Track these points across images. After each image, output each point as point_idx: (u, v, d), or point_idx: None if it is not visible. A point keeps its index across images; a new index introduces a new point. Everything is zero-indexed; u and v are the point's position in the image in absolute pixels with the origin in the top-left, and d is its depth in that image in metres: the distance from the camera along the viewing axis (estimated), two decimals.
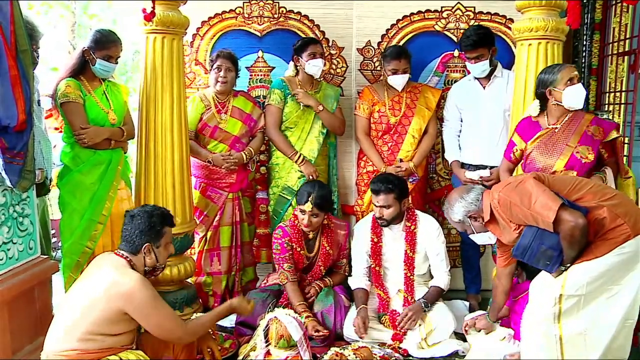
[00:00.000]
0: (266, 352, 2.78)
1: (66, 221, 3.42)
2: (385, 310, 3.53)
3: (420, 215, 3.65)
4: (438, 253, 3.60)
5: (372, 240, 3.62)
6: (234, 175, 3.92)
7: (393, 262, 3.63)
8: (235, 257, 4.01)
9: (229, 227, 3.98)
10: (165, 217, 2.72)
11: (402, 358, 3.24)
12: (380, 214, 3.52)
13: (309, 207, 3.51)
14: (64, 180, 3.43)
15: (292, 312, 2.82)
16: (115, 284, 2.50)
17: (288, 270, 3.59)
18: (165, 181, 3.54)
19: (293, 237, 3.63)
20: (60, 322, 2.56)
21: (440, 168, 4.34)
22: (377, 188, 3.52)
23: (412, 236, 3.58)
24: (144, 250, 2.63)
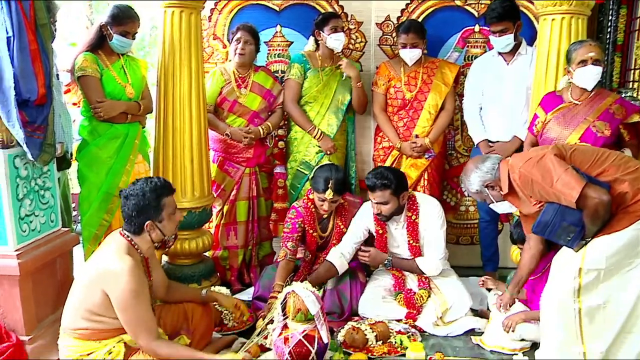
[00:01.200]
0: (283, 326, 2.77)
1: (84, 194, 3.44)
2: (400, 289, 3.52)
3: (421, 201, 3.53)
4: (434, 237, 3.48)
5: (377, 232, 3.56)
6: (251, 149, 3.93)
7: (400, 250, 3.60)
8: (252, 231, 4.03)
9: (246, 202, 4.00)
10: (161, 188, 2.61)
11: (418, 333, 3.24)
12: (379, 210, 3.43)
13: (329, 194, 3.45)
14: (81, 153, 3.45)
15: (310, 286, 2.80)
16: (107, 267, 2.48)
17: (290, 248, 3.57)
18: (184, 155, 3.55)
19: (306, 219, 3.62)
20: (70, 300, 2.59)
21: (459, 145, 4.30)
22: (372, 184, 3.38)
23: (414, 226, 3.50)
24: (146, 228, 2.59)
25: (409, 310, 3.41)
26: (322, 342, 2.71)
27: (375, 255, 3.55)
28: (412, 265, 3.50)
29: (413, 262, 3.50)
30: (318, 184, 3.50)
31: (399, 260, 3.56)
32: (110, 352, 2.51)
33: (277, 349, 2.75)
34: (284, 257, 3.57)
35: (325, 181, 3.47)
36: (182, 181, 3.58)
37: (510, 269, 3.92)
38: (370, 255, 3.54)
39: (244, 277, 4.08)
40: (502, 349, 3.09)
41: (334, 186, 3.46)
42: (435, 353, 3.01)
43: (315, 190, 3.52)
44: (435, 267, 3.48)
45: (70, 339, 2.54)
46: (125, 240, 2.60)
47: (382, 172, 3.43)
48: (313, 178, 3.60)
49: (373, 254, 3.55)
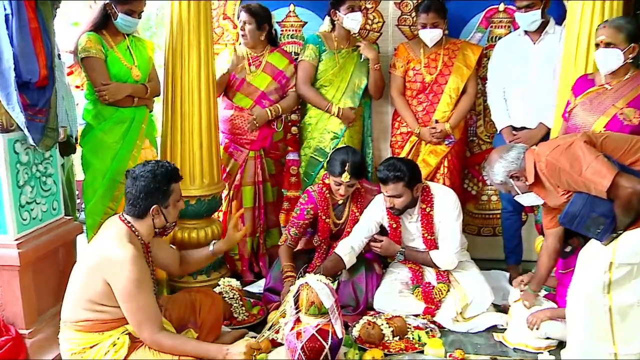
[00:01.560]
0: (296, 319, 2.74)
1: (88, 181, 3.43)
2: (418, 282, 3.48)
3: (435, 192, 3.48)
4: (449, 230, 3.42)
5: (391, 227, 3.52)
6: (256, 132, 3.89)
7: (415, 243, 3.55)
8: (258, 218, 4.00)
9: (251, 187, 3.97)
10: (171, 173, 2.61)
11: (437, 329, 3.21)
12: (391, 204, 3.37)
13: (346, 177, 3.41)
14: (86, 138, 3.42)
15: (324, 278, 2.77)
16: (108, 255, 2.45)
17: (291, 235, 3.57)
18: (192, 141, 3.52)
19: (319, 205, 3.58)
20: (70, 290, 2.57)
21: (481, 131, 4.23)
22: (384, 177, 3.32)
23: (428, 219, 3.45)
24: (151, 212, 2.57)
25: (427, 305, 3.37)
26: (336, 337, 2.69)
27: (388, 246, 3.51)
28: (426, 258, 3.45)
29: (427, 255, 3.45)
30: (334, 166, 3.45)
31: (412, 252, 3.51)
32: (114, 344, 2.49)
33: (289, 344, 2.72)
34: (284, 242, 3.57)
35: (342, 164, 3.42)
36: (190, 168, 3.55)
37: (534, 262, 3.69)
38: (382, 246, 3.51)
39: (254, 266, 4.06)
40: (526, 347, 3.04)
41: (351, 169, 3.41)
42: (455, 350, 2.98)
43: (331, 173, 3.48)
44: (450, 261, 3.42)
45: (72, 332, 2.52)
46: (126, 226, 2.57)
47: (395, 163, 3.38)
48: (329, 161, 3.56)
49: (385, 244, 3.51)
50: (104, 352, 2.47)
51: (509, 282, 3.78)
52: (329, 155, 3.63)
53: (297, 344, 2.66)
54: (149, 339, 2.47)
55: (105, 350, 2.47)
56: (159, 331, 2.48)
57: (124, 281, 2.40)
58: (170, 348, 2.48)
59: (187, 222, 3.58)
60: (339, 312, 2.71)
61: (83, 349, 2.49)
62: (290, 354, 2.72)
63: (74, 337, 2.51)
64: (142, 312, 2.45)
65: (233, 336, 3.06)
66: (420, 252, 3.49)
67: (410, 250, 3.51)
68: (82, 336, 2.49)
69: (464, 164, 4.17)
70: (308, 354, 2.65)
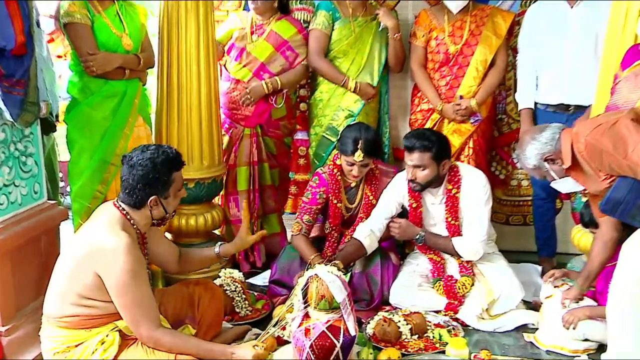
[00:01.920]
0: (304, 315, 2.73)
1: (74, 161, 3.40)
2: (440, 275, 3.48)
3: (464, 173, 3.48)
4: (476, 215, 3.41)
5: (411, 206, 3.53)
6: (251, 107, 3.87)
7: (437, 229, 3.55)
8: (253, 202, 4.00)
9: (247, 168, 3.97)
10: (173, 161, 2.59)
11: (460, 327, 3.21)
12: (413, 176, 3.37)
13: (359, 156, 3.40)
14: (71, 114, 3.39)
15: (335, 269, 2.77)
16: (100, 244, 2.44)
17: (305, 222, 3.57)
18: (191, 118, 3.52)
19: (330, 188, 3.59)
20: (54, 282, 2.55)
21: (511, 108, 4.18)
22: (410, 145, 3.33)
23: (454, 201, 3.45)
24: (149, 204, 2.56)
25: (449, 301, 3.36)
26: (348, 335, 2.67)
27: (406, 228, 3.51)
28: (448, 245, 3.45)
29: (449, 241, 3.45)
30: (346, 144, 3.44)
31: (433, 236, 3.51)
32: (103, 342, 2.47)
33: (296, 341, 2.71)
34: (299, 231, 3.56)
35: (354, 141, 3.40)
36: (189, 148, 3.56)
37: (570, 255, 3.90)
38: (400, 227, 3.50)
39: (249, 255, 4.07)
40: (562, 350, 3.01)
41: (365, 147, 3.40)
42: (480, 351, 2.97)
43: (343, 152, 3.47)
44: (475, 251, 3.41)
45: (55, 329, 2.50)
46: (120, 213, 2.55)
47: (424, 132, 3.40)
48: (340, 139, 3.55)
49: (404, 225, 3.50)
50: (91, 350, 2.45)
51: (540, 277, 3.76)
52: (341, 133, 3.62)
53: (305, 341, 2.65)
54: (146, 336, 2.45)
55: (93, 348, 2.45)
56: (157, 327, 2.47)
57: (118, 272, 2.38)
58: (169, 346, 2.47)
59: (184, 208, 3.58)
60: (351, 307, 2.69)
61: (67, 348, 2.48)
62: (298, 352, 2.70)
63: (57, 335, 2.49)
64: (138, 306, 2.43)
65: (235, 333, 3.06)
66: (442, 237, 3.49)
67: (430, 234, 3.51)
68: (66, 333, 2.48)
69: (491, 144, 4.14)
70: (317, 353, 2.63)
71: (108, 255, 2.40)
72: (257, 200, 4.01)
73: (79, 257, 2.46)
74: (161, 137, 3.56)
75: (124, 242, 2.41)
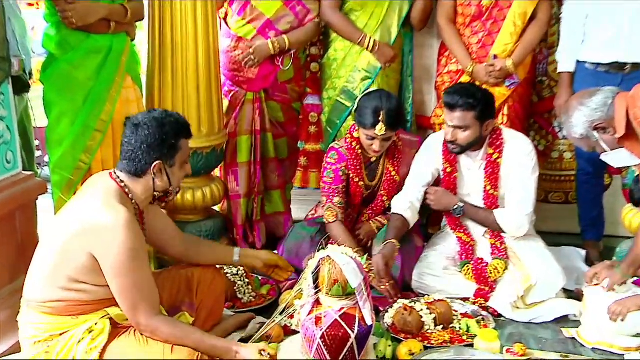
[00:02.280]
0: (315, 302, 2.73)
1: (53, 127, 3.40)
2: (468, 257, 3.50)
3: (508, 137, 3.50)
4: (522, 185, 3.43)
5: (445, 171, 3.56)
6: (255, 69, 3.87)
7: (471, 198, 3.57)
8: (254, 176, 4.03)
9: (248, 137, 4.00)
10: (182, 126, 2.62)
11: (491, 317, 3.21)
12: (453, 138, 3.39)
13: (381, 130, 3.38)
14: (48, 73, 3.37)
15: (350, 250, 2.75)
16: (95, 220, 2.42)
17: (338, 205, 3.55)
18: (187, 79, 3.53)
19: (350, 163, 3.58)
20: (37, 264, 2.55)
21: (553, 69, 4.12)
22: (452, 102, 3.34)
23: (494, 168, 3.46)
24: (152, 170, 2.56)
25: (479, 287, 3.39)
26: (364, 325, 2.66)
27: (442, 196, 3.55)
28: (489, 218, 3.48)
29: (491, 214, 3.47)
30: (365, 117, 3.41)
31: (474, 207, 3.53)
32: (91, 330, 2.48)
33: (305, 331, 2.70)
34: (335, 218, 3.52)
35: (375, 113, 3.37)
36: (185, 113, 3.49)
37: (620, 238, 3.88)
38: (436, 194, 3.54)
39: (248, 235, 4.10)
40: (611, 347, 2.99)
41: (387, 119, 3.37)
42: (514, 344, 2.96)
43: (362, 125, 3.45)
44: (519, 225, 3.42)
45: (37, 315, 2.50)
46: (117, 185, 2.55)
47: (469, 88, 3.41)
48: (358, 110, 3.51)
49: (440, 194, 3.55)
50: (77, 339, 2.46)
51: (585, 262, 3.78)
52: (357, 102, 3.58)
53: (315, 331, 2.64)
54: (144, 323, 2.46)
55: (79, 337, 2.46)
56: (156, 315, 2.49)
57: (116, 252, 2.39)
58: (167, 337, 2.48)
59: None
60: (368, 293, 2.68)
61: (50, 336, 2.48)
62: (307, 344, 2.69)
63: (40, 321, 2.49)
64: (138, 290, 2.44)
65: (237, 321, 3.08)
66: (483, 209, 3.51)
67: (470, 205, 3.53)
68: (50, 320, 2.48)
69: (529, 111, 4.13)
70: (329, 345, 2.62)
71: (105, 233, 2.39)
72: (258, 174, 4.04)
73: (70, 235, 2.45)
74: (153, 100, 3.56)
75: (123, 218, 2.40)
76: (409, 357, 2.83)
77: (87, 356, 2.43)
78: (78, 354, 2.44)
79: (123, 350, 2.47)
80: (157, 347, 2.47)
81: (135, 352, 2.45)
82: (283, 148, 4.15)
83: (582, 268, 3.64)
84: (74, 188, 3.35)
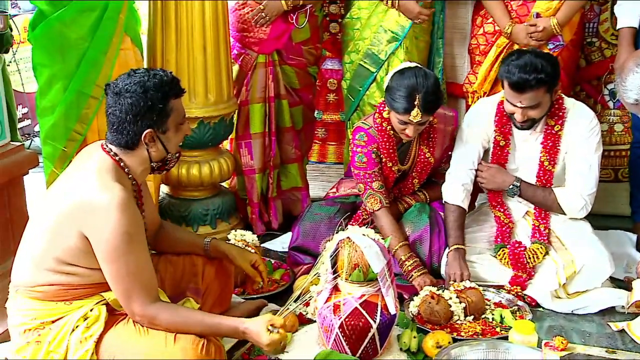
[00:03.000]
0: (333, 288, 2.76)
1: (44, 93, 3.39)
2: (504, 241, 3.50)
3: (570, 106, 3.47)
4: (584, 162, 3.42)
5: (497, 143, 3.54)
6: (266, 28, 3.88)
7: (521, 173, 3.56)
8: (269, 148, 4.06)
9: (261, 105, 4.02)
10: (168, 85, 2.55)
11: (527, 307, 3.22)
12: (524, 117, 3.34)
13: (417, 116, 3.30)
14: (37, 32, 3.35)
15: (372, 232, 2.77)
16: (86, 198, 2.42)
17: (379, 190, 3.51)
18: (192, 41, 3.55)
19: (382, 146, 3.55)
20: (26, 245, 2.57)
21: (605, 28, 4.17)
22: (521, 82, 3.24)
23: (554, 140, 3.45)
24: (144, 140, 2.53)
25: (515, 273, 3.39)
26: (387, 314, 2.69)
27: (496, 174, 3.54)
28: (549, 197, 3.47)
29: (551, 192, 3.47)
30: (398, 100, 3.31)
31: (531, 186, 3.51)
32: (86, 317, 2.50)
33: (322, 320, 2.74)
34: (380, 205, 3.49)
35: (410, 96, 3.28)
36: (190, 78, 3.60)
37: None
38: (489, 172, 3.54)
39: (263, 214, 4.16)
40: None
41: (423, 103, 3.28)
42: (554, 338, 2.94)
43: (394, 109, 3.36)
44: (581, 206, 3.43)
45: (28, 300, 2.52)
46: (111, 159, 2.54)
47: (532, 61, 3.26)
48: (389, 90, 3.41)
49: (494, 170, 3.54)
50: (71, 327, 2.47)
51: (635, 248, 3.77)
52: (389, 82, 3.48)
53: (334, 320, 2.66)
54: (140, 312, 2.46)
55: (73, 324, 2.47)
56: (153, 302, 2.48)
57: (110, 235, 2.38)
58: (167, 325, 2.47)
59: (185, 154, 3.62)
60: (392, 279, 2.69)
61: (42, 324, 2.49)
62: (325, 334, 2.73)
63: (30, 307, 2.51)
64: (133, 276, 2.43)
65: (247, 308, 3.11)
66: (542, 188, 3.49)
67: (528, 184, 3.51)
68: (41, 306, 2.50)
69: (575, 77, 4.12)
70: (348, 335, 2.65)
71: (98, 213, 2.38)
72: (273, 146, 4.07)
73: (61, 213, 2.46)
74: (155, 64, 3.57)
75: (119, 197, 2.39)
76: (436, 350, 2.82)
77: (81, 347, 2.44)
78: (71, 345, 2.45)
79: (120, 340, 2.48)
80: (158, 336, 2.46)
81: (134, 343, 2.46)
82: (299, 117, 4.16)
83: (633, 254, 3.65)
84: (68, 161, 3.32)
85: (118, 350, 2.47)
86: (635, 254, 3.64)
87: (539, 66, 3.25)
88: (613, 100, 4.17)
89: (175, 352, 2.42)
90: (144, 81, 2.50)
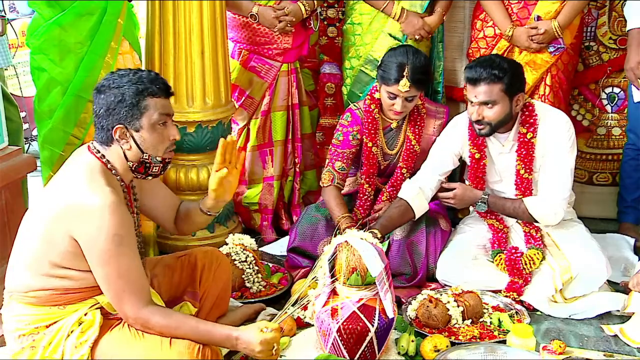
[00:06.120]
0: (331, 292, 2.76)
1: (42, 97, 3.40)
2: (501, 246, 3.50)
3: (542, 113, 3.45)
4: (557, 166, 3.38)
5: (472, 157, 3.51)
6: (289, 37, 3.90)
7: (502, 185, 3.56)
8: (292, 155, 4.09)
9: (283, 113, 4.03)
10: (147, 82, 2.53)
11: (525, 311, 3.22)
12: (479, 116, 3.33)
13: (405, 85, 3.39)
14: (36, 36, 3.37)
15: (370, 236, 2.77)
16: (75, 201, 2.42)
17: (338, 170, 3.60)
18: (190, 45, 3.55)
19: (365, 127, 3.60)
20: (19, 249, 2.56)
21: (603, 32, 4.16)
22: (475, 75, 3.28)
23: (528, 148, 3.43)
24: (114, 135, 2.51)
25: (512, 278, 3.39)
26: (385, 317, 2.69)
27: (463, 194, 3.50)
28: (519, 208, 3.43)
29: (520, 203, 3.42)
30: (388, 71, 3.45)
31: (500, 199, 3.50)
32: (80, 322, 2.49)
33: (320, 324, 2.74)
34: (331, 181, 3.57)
35: (399, 67, 3.40)
36: (188, 82, 3.60)
37: None
38: (456, 195, 3.49)
39: (282, 222, 4.17)
40: None
41: (412, 74, 3.40)
42: (552, 341, 2.92)
43: (385, 80, 3.47)
44: (554, 212, 3.38)
45: (21, 306, 2.51)
46: (98, 161, 2.54)
47: (493, 58, 3.36)
48: (382, 64, 3.55)
49: (460, 192, 3.50)
50: (66, 332, 2.47)
51: (633, 251, 3.75)
52: (382, 58, 3.59)
53: (331, 324, 2.67)
54: (132, 315, 2.45)
55: (68, 330, 2.47)
56: (146, 305, 2.46)
57: (100, 238, 2.37)
58: (160, 328, 2.47)
59: (183, 158, 3.64)
60: (389, 282, 2.69)
61: (36, 329, 2.49)
62: (322, 338, 2.73)
63: (24, 313, 2.50)
64: (124, 279, 2.43)
65: (245, 313, 3.11)
66: (511, 199, 3.47)
67: (496, 197, 3.49)
68: (35, 311, 2.49)
69: (574, 81, 4.11)
70: (346, 339, 2.65)
71: (87, 217, 2.38)
72: (299, 152, 4.11)
73: (51, 217, 2.45)
74: (153, 68, 3.55)
75: (108, 200, 2.38)
76: (433, 354, 2.83)
77: (76, 352, 2.44)
78: (67, 351, 2.44)
79: (116, 344, 2.47)
80: (153, 341, 2.46)
81: (130, 347, 2.46)
82: (315, 121, 4.20)
83: (630, 258, 3.63)
84: None
85: (114, 355, 2.46)
86: (633, 257, 3.63)
87: (496, 62, 3.31)
88: (611, 104, 4.16)
89: (171, 355, 2.40)
90: (121, 79, 2.51)
